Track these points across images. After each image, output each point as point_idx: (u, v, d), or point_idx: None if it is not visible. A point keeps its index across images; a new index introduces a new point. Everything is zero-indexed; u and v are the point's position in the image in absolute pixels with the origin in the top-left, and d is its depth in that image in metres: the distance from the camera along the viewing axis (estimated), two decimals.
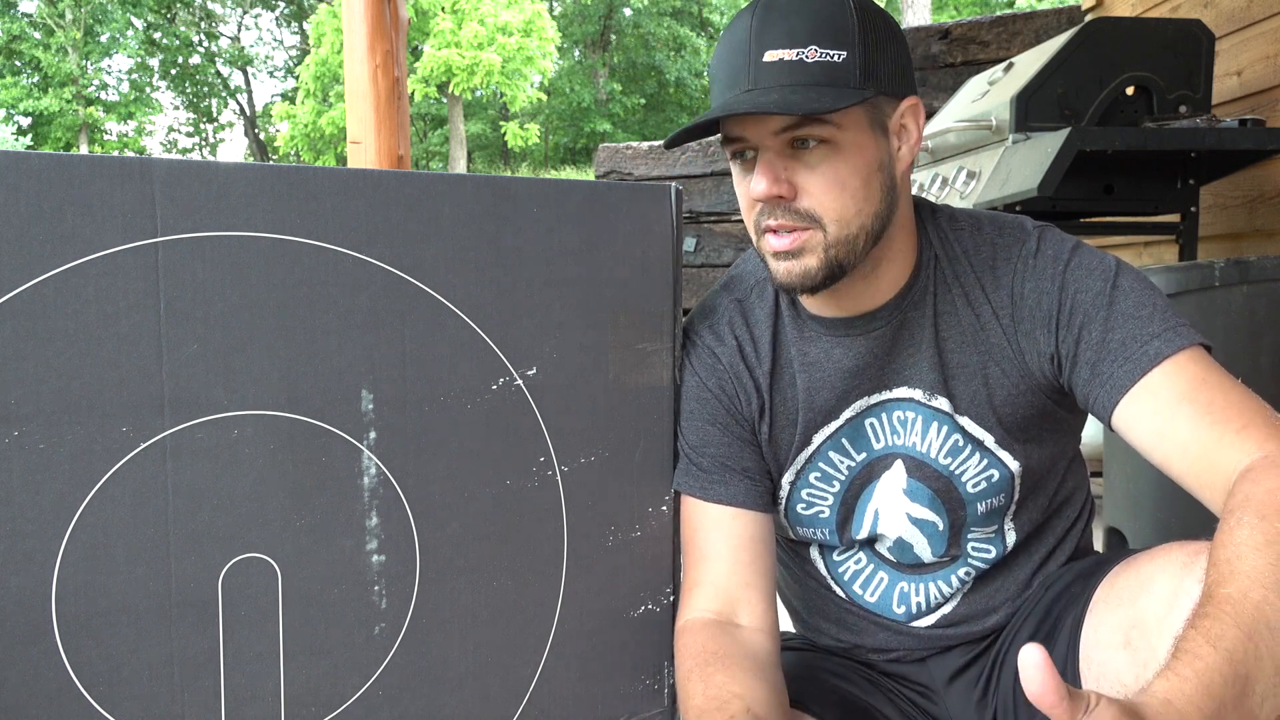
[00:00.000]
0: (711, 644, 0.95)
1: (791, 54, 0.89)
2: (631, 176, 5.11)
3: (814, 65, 0.89)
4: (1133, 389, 0.89)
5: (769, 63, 0.89)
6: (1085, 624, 0.95)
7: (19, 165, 0.78)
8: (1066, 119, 2.20)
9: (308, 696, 0.92)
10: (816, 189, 0.92)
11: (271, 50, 30.59)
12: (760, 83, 0.89)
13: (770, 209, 0.93)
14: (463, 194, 0.94)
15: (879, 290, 0.99)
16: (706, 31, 24.84)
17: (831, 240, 0.92)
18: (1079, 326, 0.94)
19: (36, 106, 21.69)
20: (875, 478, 1.05)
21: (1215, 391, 0.86)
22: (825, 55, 0.89)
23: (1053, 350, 0.96)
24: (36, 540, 0.81)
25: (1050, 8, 4.27)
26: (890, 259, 0.98)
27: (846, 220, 0.92)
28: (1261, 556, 0.72)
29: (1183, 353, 0.88)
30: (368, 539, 0.93)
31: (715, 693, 0.89)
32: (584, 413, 1.02)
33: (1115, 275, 0.94)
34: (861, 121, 0.92)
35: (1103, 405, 0.91)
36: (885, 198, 0.94)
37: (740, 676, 0.91)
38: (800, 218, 0.92)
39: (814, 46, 0.89)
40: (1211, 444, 0.84)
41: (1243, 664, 0.67)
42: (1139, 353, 0.89)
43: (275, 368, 0.88)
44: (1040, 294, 0.96)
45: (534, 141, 21.23)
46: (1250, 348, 1.72)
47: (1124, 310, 0.92)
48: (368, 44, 3.62)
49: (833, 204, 0.92)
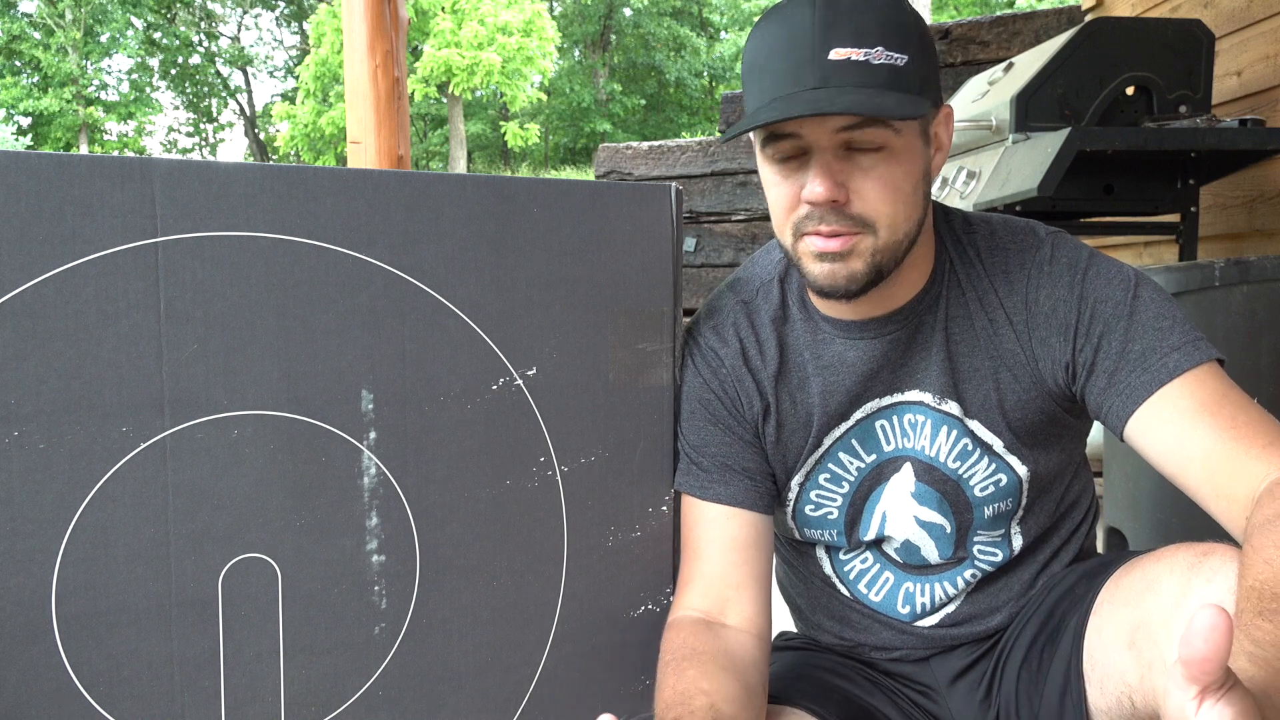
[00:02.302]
0: (691, 640, 0.95)
1: (860, 53, 0.87)
2: (631, 176, 5.10)
3: (880, 67, 0.87)
4: (1150, 399, 0.89)
5: (837, 60, 0.87)
6: (1089, 625, 0.95)
7: (19, 165, 0.78)
8: (1066, 119, 2.20)
9: (308, 696, 0.92)
10: (871, 194, 0.90)
11: (271, 50, 30.63)
12: (830, 81, 0.87)
13: (821, 213, 0.91)
14: (463, 194, 0.94)
15: (896, 294, 0.99)
16: (706, 31, 24.85)
17: (881, 245, 0.91)
18: (1099, 336, 0.93)
19: (36, 106, 21.69)
20: (884, 480, 1.05)
21: (1236, 408, 0.87)
22: (890, 58, 0.87)
23: (1069, 358, 0.96)
24: (36, 540, 0.81)
25: (1050, 8, 4.27)
26: (912, 264, 0.98)
27: (897, 225, 0.91)
28: None
29: (1202, 367, 0.89)
30: (368, 539, 0.93)
31: (684, 687, 0.88)
32: (584, 413, 1.02)
33: (1136, 286, 0.94)
34: (915, 128, 0.91)
35: (1117, 414, 0.91)
36: (926, 206, 0.95)
37: (712, 673, 0.90)
38: (853, 222, 0.91)
39: (881, 48, 0.87)
40: (1235, 457, 0.84)
41: None
42: (1158, 364, 0.89)
43: (275, 368, 0.88)
44: (1057, 301, 0.96)
45: (534, 141, 21.24)
46: (1250, 348, 1.72)
47: (1144, 321, 0.92)
48: (368, 44, 3.62)
49: (887, 209, 0.90)
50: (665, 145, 5.17)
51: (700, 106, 24.31)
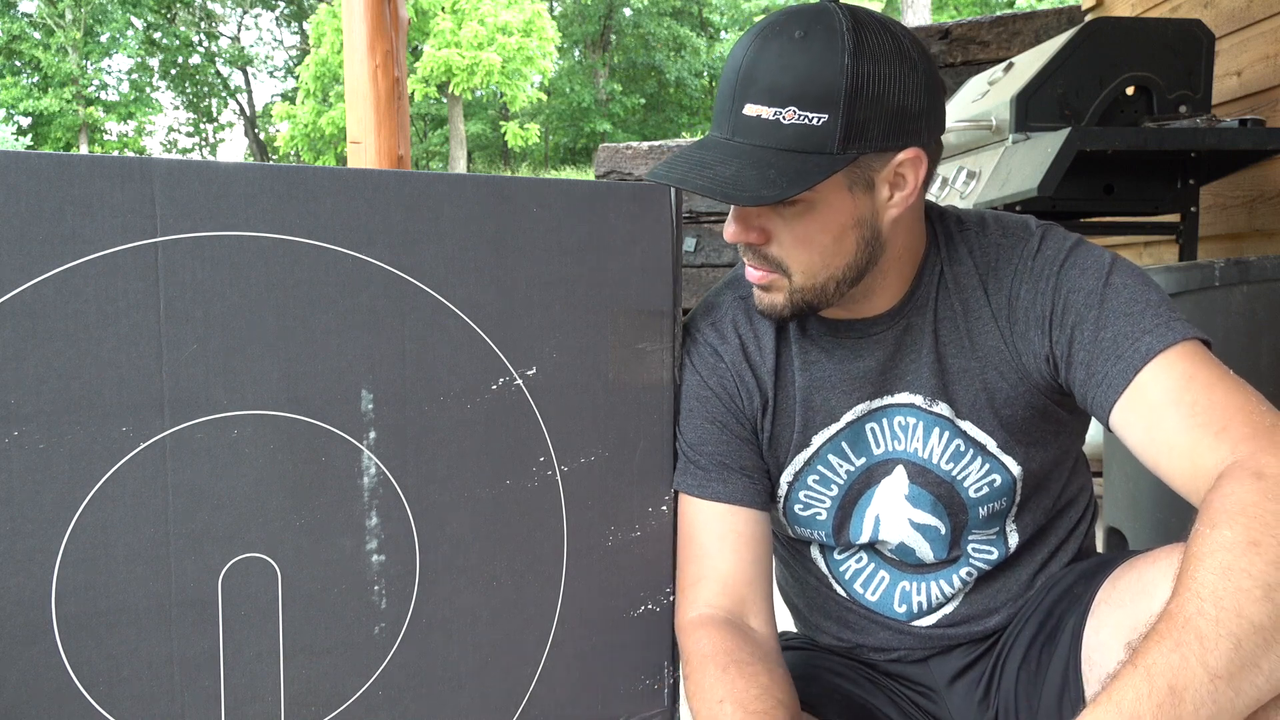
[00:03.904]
0: (740, 643, 0.96)
1: (769, 113, 0.88)
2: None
3: (789, 128, 0.88)
4: (1127, 389, 0.87)
5: (748, 116, 0.89)
6: (1087, 625, 0.95)
7: (19, 165, 0.78)
8: (1066, 119, 2.20)
9: (308, 696, 0.92)
10: (786, 241, 0.93)
11: (271, 50, 30.62)
12: (737, 134, 0.90)
13: (744, 247, 0.97)
14: (463, 194, 0.94)
15: (881, 299, 1.00)
16: (706, 31, 24.84)
17: (797, 287, 0.95)
18: (1071, 326, 0.93)
19: (36, 106, 21.69)
20: (875, 483, 1.05)
21: (1201, 390, 0.84)
22: (803, 118, 0.87)
23: (1047, 351, 0.95)
24: (36, 540, 0.81)
25: (1050, 8, 4.27)
26: (885, 281, 0.99)
27: (813, 273, 0.94)
28: (1204, 566, 0.72)
29: (1173, 349, 0.86)
30: (368, 539, 0.93)
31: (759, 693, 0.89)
32: (584, 413, 1.02)
33: (1109, 273, 0.93)
34: (840, 182, 0.90)
35: (1100, 406, 0.91)
36: (862, 250, 0.94)
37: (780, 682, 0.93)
38: (768, 263, 0.95)
39: (793, 107, 0.87)
40: (1193, 447, 0.83)
41: (1162, 676, 0.69)
42: (1130, 350, 0.88)
43: (275, 368, 0.88)
44: (1035, 294, 0.96)
45: (534, 141, 21.23)
46: (1250, 348, 1.72)
47: (1115, 307, 0.91)
48: (368, 44, 3.62)
49: (800, 257, 0.93)
50: (665, 145, 5.18)
51: (700, 106, 24.30)
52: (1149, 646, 0.71)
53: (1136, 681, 0.69)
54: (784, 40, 0.88)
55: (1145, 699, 0.68)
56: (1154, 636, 0.71)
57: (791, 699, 0.92)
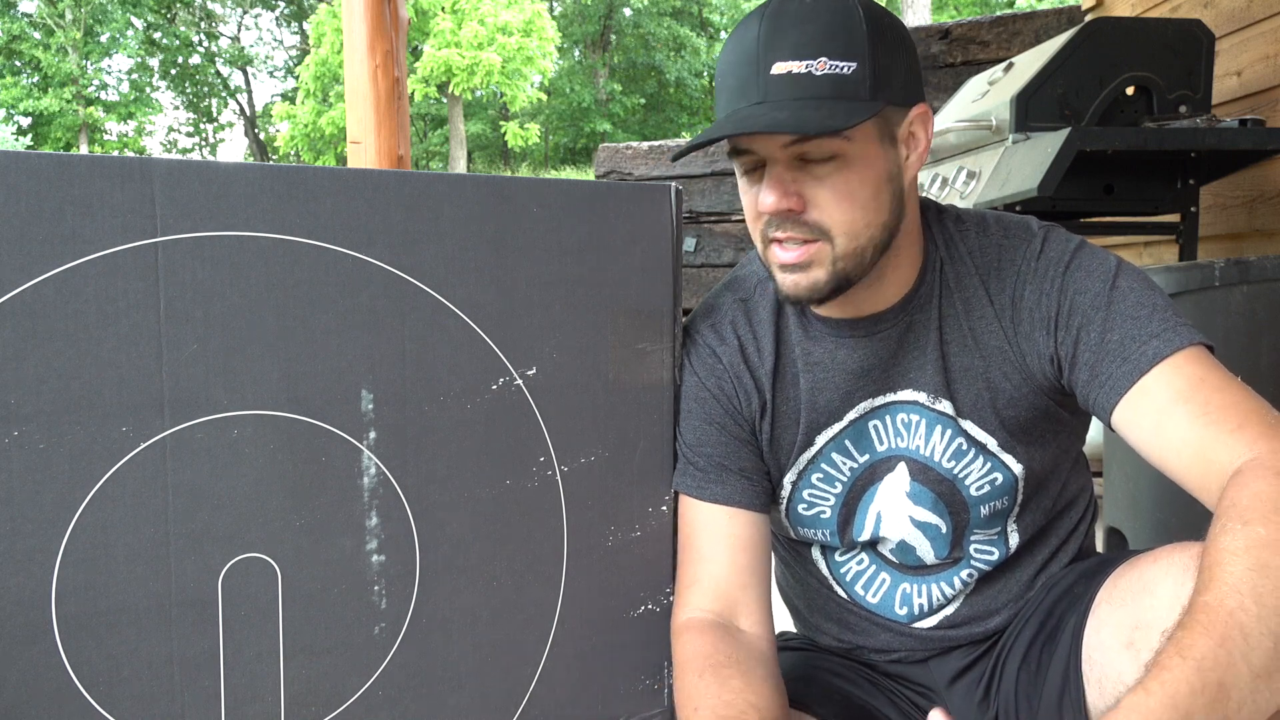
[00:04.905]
0: (722, 646, 0.96)
1: (800, 67, 0.87)
2: (631, 176, 5.10)
3: (823, 78, 0.87)
4: (1131, 390, 0.88)
5: (778, 75, 0.88)
6: (1088, 625, 0.95)
7: (19, 165, 0.78)
8: (1066, 119, 2.19)
9: (308, 696, 0.92)
10: (825, 202, 0.91)
11: (271, 50, 30.62)
12: (770, 96, 0.88)
13: (779, 221, 0.92)
14: (463, 194, 0.94)
15: (885, 294, 0.99)
16: (706, 31, 24.84)
17: (840, 253, 0.92)
18: (1077, 328, 0.93)
19: (36, 106, 21.68)
20: (877, 480, 1.05)
21: (1212, 391, 0.85)
22: (835, 67, 0.87)
23: (1052, 352, 0.96)
24: (36, 540, 0.81)
25: (1050, 8, 4.27)
26: (896, 266, 0.98)
27: (855, 233, 0.92)
28: (1240, 562, 0.72)
29: (1180, 353, 0.87)
30: (367, 539, 0.93)
31: (731, 698, 0.90)
32: (584, 413, 1.02)
33: (1115, 276, 0.93)
34: (871, 134, 0.91)
35: (1102, 406, 0.91)
36: (893, 208, 0.94)
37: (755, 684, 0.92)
38: (809, 230, 0.92)
39: (823, 58, 0.87)
40: (1206, 444, 0.83)
41: (1213, 671, 0.68)
42: (1137, 353, 0.89)
43: (275, 368, 0.88)
44: (1040, 295, 0.96)
45: (534, 141, 21.23)
46: (1250, 348, 1.72)
47: (1122, 311, 0.91)
48: (368, 44, 3.62)
49: (842, 217, 0.91)
50: (665, 145, 5.18)
51: (700, 106, 24.31)
52: (1194, 639, 0.69)
53: (1189, 674, 0.68)
54: (796, 3, 0.90)
55: (1199, 694, 0.67)
56: (1196, 629, 0.70)
57: (770, 703, 0.91)
